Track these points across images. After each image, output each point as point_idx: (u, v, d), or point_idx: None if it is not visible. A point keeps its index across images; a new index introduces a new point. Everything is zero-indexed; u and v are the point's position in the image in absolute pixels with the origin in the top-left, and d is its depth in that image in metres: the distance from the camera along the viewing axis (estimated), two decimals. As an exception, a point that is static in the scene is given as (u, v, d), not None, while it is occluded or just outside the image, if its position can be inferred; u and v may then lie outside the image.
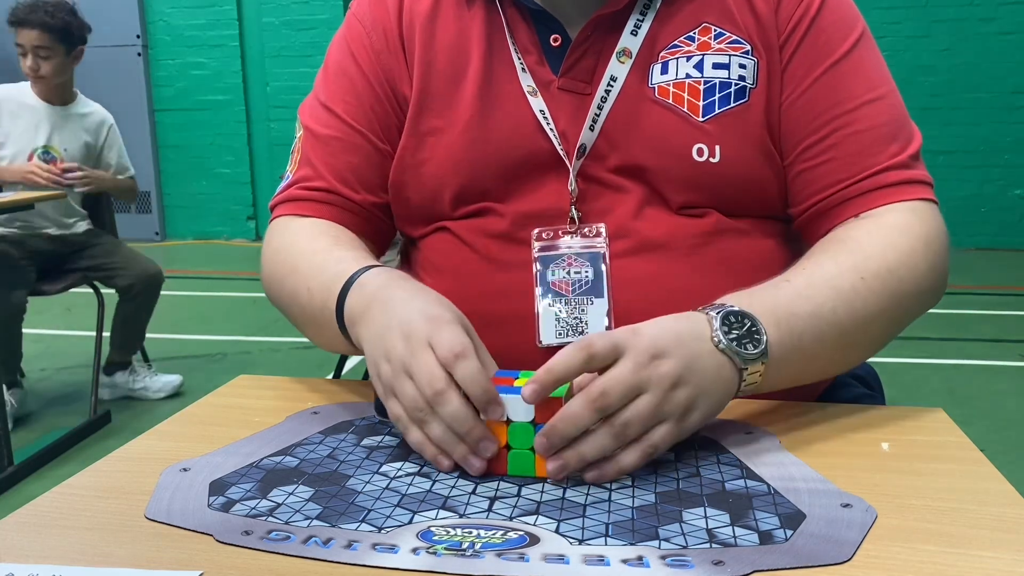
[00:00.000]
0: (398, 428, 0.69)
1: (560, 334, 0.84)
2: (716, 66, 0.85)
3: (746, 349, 0.68)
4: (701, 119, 0.84)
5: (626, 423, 0.63)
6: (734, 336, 0.68)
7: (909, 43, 5.92)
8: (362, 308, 0.76)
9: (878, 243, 0.79)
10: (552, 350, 0.76)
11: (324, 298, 0.81)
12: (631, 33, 0.86)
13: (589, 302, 0.84)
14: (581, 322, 0.84)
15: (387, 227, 0.97)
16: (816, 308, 0.74)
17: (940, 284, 0.83)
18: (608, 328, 0.83)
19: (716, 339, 0.68)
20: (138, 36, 6.70)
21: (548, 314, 0.84)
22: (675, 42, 0.86)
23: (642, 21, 0.87)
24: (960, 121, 5.96)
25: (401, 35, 0.93)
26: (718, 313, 0.69)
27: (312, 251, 0.87)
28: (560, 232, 0.87)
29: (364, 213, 0.94)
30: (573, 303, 0.84)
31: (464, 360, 0.64)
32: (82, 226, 3.15)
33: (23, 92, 3.08)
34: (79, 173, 3.04)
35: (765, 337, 0.70)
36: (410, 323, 0.68)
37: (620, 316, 0.83)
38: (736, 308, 0.70)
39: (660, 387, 0.64)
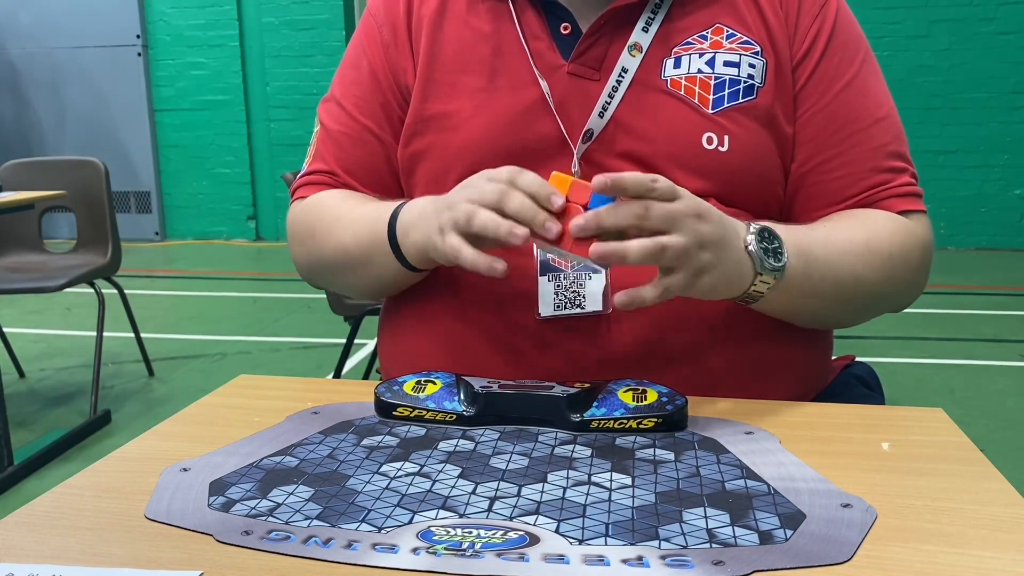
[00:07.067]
0: (471, 220, 0.75)
1: (559, 306, 0.86)
2: (727, 64, 0.88)
3: (769, 259, 0.77)
4: (711, 111, 0.87)
5: (654, 215, 0.70)
6: (763, 247, 0.77)
7: (909, 43, 5.90)
8: (413, 218, 0.84)
9: (889, 231, 0.88)
10: (550, 321, 0.85)
11: (371, 233, 0.88)
12: (642, 29, 0.89)
13: (588, 277, 0.86)
14: (579, 295, 0.85)
15: None
16: (828, 258, 0.83)
17: (921, 284, 0.93)
18: (606, 297, 0.85)
19: (747, 242, 0.77)
20: (138, 36, 6.68)
21: (547, 288, 0.86)
22: (688, 39, 0.89)
23: (653, 19, 0.90)
24: (960, 121, 5.95)
25: (409, 28, 0.96)
26: (753, 225, 0.78)
27: (348, 208, 0.94)
28: None
29: None
30: (571, 277, 0.86)
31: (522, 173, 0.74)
32: None
33: None
34: None
35: (786, 259, 0.79)
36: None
37: (617, 288, 0.84)
38: (770, 226, 0.79)
39: (692, 237, 0.72)
